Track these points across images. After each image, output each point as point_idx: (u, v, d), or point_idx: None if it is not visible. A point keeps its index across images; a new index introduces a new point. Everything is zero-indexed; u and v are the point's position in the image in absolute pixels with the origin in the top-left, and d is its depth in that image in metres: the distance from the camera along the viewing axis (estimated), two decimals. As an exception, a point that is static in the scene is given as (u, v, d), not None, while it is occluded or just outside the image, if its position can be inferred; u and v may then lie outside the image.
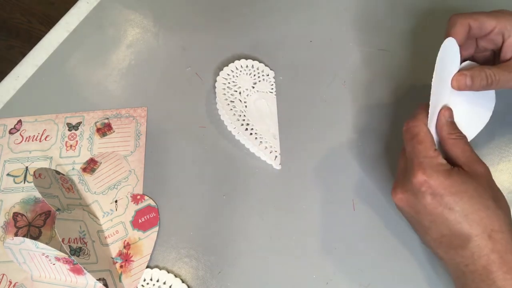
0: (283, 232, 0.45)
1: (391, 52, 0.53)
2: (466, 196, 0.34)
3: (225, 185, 0.48)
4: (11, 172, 0.50)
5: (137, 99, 0.53)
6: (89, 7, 0.61)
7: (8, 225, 0.47)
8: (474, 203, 0.34)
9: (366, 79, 0.52)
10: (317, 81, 0.53)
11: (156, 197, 0.48)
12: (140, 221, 0.46)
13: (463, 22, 0.40)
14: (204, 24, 0.58)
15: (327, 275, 0.43)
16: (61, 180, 0.47)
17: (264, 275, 0.43)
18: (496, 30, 0.40)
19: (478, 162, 0.37)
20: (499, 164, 0.47)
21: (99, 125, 0.52)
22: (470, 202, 0.34)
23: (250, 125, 0.50)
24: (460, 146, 0.37)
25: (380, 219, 0.45)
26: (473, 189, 0.34)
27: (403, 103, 0.51)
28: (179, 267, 0.44)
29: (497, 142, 0.48)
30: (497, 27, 0.40)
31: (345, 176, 0.47)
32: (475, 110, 0.41)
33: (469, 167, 0.36)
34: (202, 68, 0.55)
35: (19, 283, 0.44)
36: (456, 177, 0.35)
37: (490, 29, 0.40)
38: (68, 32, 0.59)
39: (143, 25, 0.59)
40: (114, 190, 0.48)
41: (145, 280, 0.44)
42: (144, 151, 0.50)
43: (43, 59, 0.57)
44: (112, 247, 0.45)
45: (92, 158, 0.50)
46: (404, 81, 0.52)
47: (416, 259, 0.43)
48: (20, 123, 0.53)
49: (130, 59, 0.57)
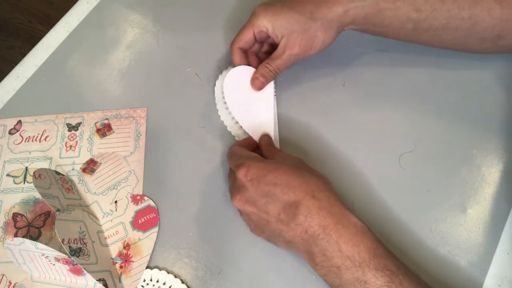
0: (283, 233, 0.45)
1: (391, 53, 0.53)
2: (282, 170, 0.39)
3: (225, 185, 0.48)
4: (11, 172, 0.50)
5: (137, 100, 0.53)
6: (89, 7, 0.61)
7: (8, 226, 0.47)
8: (291, 174, 0.39)
9: (366, 80, 0.52)
10: (317, 82, 0.53)
11: (156, 198, 0.48)
12: (140, 221, 0.46)
13: (236, 50, 0.49)
14: (204, 24, 0.58)
15: (327, 275, 0.43)
16: (61, 181, 0.47)
17: (264, 276, 0.43)
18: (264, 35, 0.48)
19: (290, 156, 0.44)
20: (498, 164, 0.47)
21: (99, 125, 0.52)
22: (287, 174, 0.39)
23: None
24: (274, 151, 0.45)
25: (379, 219, 0.45)
26: (286, 165, 0.40)
27: (403, 102, 0.51)
28: (179, 267, 0.44)
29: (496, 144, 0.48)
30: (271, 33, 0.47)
31: (345, 176, 0.47)
32: (260, 106, 0.50)
33: (283, 158, 0.43)
34: (202, 68, 0.55)
35: (19, 284, 0.44)
36: (270, 160, 0.42)
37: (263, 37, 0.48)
38: (68, 32, 0.59)
39: (143, 25, 0.59)
40: (114, 190, 0.48)
41: (145, 280, 0.44)
42: (144, 151, 0.50)
43: (43, 59, 0.57)
44: (112, 248, 0.45)
45: (92, 159, 0.50)
46: (404, 81, 0.52)
47: (416, 259, 0.43)
48: (20, 123, 0.53)
49: (130, 59, 0.57)
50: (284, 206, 0.38)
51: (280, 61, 0.47)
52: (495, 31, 0.44)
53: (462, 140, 0.48)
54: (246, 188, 0.40)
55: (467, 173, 0.47)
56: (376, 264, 0.36)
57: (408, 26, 0.45)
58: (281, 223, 0.38)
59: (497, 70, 0.51)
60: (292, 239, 0.38)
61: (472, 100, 0.50)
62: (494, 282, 0.42)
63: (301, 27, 0.45)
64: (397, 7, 0.44)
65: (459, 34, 0.45)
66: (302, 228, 0.37)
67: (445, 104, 0.50)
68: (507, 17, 0.43)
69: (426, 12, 0.44)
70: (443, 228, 0.44)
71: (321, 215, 0.37)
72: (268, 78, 0.49)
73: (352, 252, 0.36)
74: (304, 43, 0.46)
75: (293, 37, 0.45)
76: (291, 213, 0.38)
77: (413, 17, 0.44)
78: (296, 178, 0.39)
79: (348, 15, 0.45)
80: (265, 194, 0.39)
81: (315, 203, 0.37)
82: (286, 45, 0.46)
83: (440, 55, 0.51)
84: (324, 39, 0.46)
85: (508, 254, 0.43)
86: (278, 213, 0.38)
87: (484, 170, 0.47)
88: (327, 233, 0.37)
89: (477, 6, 0.43)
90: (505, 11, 0.43)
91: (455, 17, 0.44)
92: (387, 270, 0.35)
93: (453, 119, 0.49)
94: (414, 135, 0.49)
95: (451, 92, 0.51)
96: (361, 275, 0.35)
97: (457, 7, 0.43)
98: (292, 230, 0.38)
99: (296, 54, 0.46)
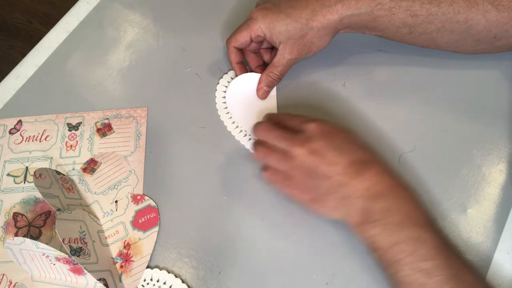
0: (283, 232, 0.45)
1: (391, 53, 0.53)
2: (353, 134, 0.42)
3: (225, 185, 0.48)
4: (11, 172, 0.50)
5: (137, 100, 0.53)
6: (89, 7, 0.61)
7: (8, 225, 0.47)
8: (360, 139, 0.42)
9: (366, 80, 0.52)
10: (317, 82, 0.53)
11: (156, 197, 0.48)
12: (140, 221, 0.46)
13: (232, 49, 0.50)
14: (204, 24, 0.58)
15: (327, 275, 0.43)
16: (62, 180, 0.47)
17: (264, 275, 0.43)
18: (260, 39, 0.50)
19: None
20: (498, 164, 0.47)
21: (99, 125, 0.52)
22: (357, 137, 0.42)
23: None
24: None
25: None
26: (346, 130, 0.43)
27: (403, 102, 0.51)
28: (180, 267, 0.44)
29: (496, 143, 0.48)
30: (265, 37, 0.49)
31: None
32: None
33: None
34: (202, 68, 0.55)
35: (19, 283, 0.44)
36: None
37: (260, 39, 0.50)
38: (68, 32, 0.59)
39: (143, 25, 0.59)
40: (114, 190, 0.48)
41: (145, 280, 0.44)
42: (144, 151, 0.50)
43: (43, 59, 0.57)
44: (112, 247, 0.45)
45: (92, 158, 0.50)
46: (404, 81, 0.52)
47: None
48: (20, 123, 0.53)
49: (130, 59, 0.57)
50: (353, 161, 0.39)
51: (281, 67, 0.49)
52: (491, 34, 0.44)
53: (462, 140, 0.48)
54: (315, 140, 0.40)
55: (467, 173, 0.47)
56: (434, 226, 0.38)
57: (404, 30, 0.46)
58: (347, 176, 0.39)
59: (498, 69, 0.51)
60: (352, 194, 0.39)
61: (472, 100, 0.50)
62: (494, 282, 0.42)
63: (297, 34, 0.47)
64: (393, 13, 0.44)
65: (454, 37, 0.46)
66: (368, 184, 0.38)
67: (445, 104, 0.50)
68: (503, 20, 0.43)
69: (422, 16, 0.44)
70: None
71: (389, 176, 0.40)
72: (272, 86, 0.51)
73: (415, 212, 0.38)
74: (301, 48, 0.48)
75: (290, 43, 0.47)
76: (359, 168, 0.39)
77: (409, 22, 0.45)
78: (365, 143, 0.42)
79: (343, 22, 0.46)
80: (336, 147, 0.40)
81: (382, 165, 0.40)
82: (284, 51, 0.48)
83: (440, 55, 0.51)
84: (319, 44, 0.48)
85: (508, 254, 0.43)
86: (346, 166, 0.39)
87: (484, 170, 0.47)
88: (394, 192, 0.39)
89: (473, 10, 0.43)
90: (501, 14, 0.43)
91: (450, 20, 0.44)
92: (442, 232, 0.38)
93: (453, 119, 0.49)
94: (414, 135, 0.49)
95: (451, 92, 0.51)
96: (422, 234, 0.37)
97: (453, 11, 0.43)
98: (357, 185, 0.39)
99: (295, 58, 0.49)
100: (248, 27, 0.48)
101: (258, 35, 0.48)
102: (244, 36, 0.49)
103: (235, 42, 0.49)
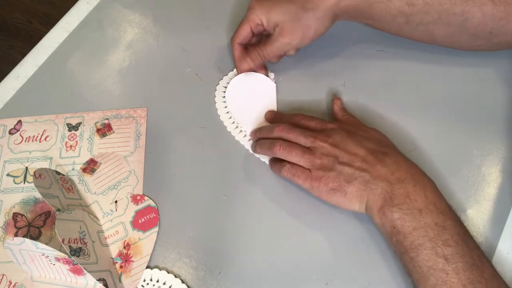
0: (283, 232, 0.45)
1: (390, 52, 0.53)
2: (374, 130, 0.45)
3: (225, 185, 0.48)
4: (11, 172, 0.50)
5: (137, 100, 0.53)
6: (89, 7, 0.61)
7: (8, 226, 0.47)
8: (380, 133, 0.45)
9: (366, 80, 0.52)
10: (317, 82, 0.53)
11: (156, 198, 0.48)
12: (140, 221, 0.46)
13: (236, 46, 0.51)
14: (204, 24, 0.58)
15: (327, 275, 0.43)
16: (61, 181, 0.47)
17: (264, 276, 0.43)
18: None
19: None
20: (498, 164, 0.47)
21: (99, 125, 0.52)
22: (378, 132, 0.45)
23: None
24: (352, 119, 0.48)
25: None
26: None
27: (403, 102, 0.51)
28: (179, 267, 0.44)
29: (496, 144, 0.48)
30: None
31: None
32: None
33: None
34: (202, 68, 0.55)
35: (19, 283, 0.44)
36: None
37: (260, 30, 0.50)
38: (68, 32, 0.59)
39: (143, 25, 0.59)
40: (114, 190, 0.48)
41: (145, 280, 0.44)
42: (144, 151, 0.50)
43: (43, 59, 0.57)
44: (112, 248, 0.45)
45: (92, 159, 0.50)
46: (404, 81, 0.52)
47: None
48: (20, 123, 0.53)
49: (130, 59, 0.57)
50: (373, 150, 0.42)
51: (271, 47, 0.48)
52: (487, 28, 0.44)
53: (462, 140, 0.48)
54: (336, 134, 0.43)
55: (467, 173, 0.47)
56: (455, 215, 0.39)
57: (400, 20, 0.46)
58: (367, 163, 0.41)
59: (498, 69, 0.51)
60: (373, 178, 0.40)
61: (473, 100, 0.50)
62: (494, 282, 0.42)
63: (293, 16, 0.46)
64: (389, 0, 0.44)
65: (451, 30, 0.46)
66: (388, 170, 0.40)
67: (445, 104, 0.50)
68: (499, 14, 0.43)
69: (419, 6, 0.44)
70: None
71: (408, 165, 0.41)
72: (256, 63, 0.51)
73: (436, 200, 0.39)
74: (296, 32, 0.47)
75: (285, 26, 0.47)
76: (379, 156, 0.41)
77: (405, 10, 0.45)
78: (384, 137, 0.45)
79: (339, 6, 0.45)
80: (357, 141, 0.42)
81: (401, 156, 0.42)
82: (279, 33, 0.47)
83: (441, 55, 0.51)
84: (316, 28, 0.47)
85: (508, 254, 0.43)
86: (366, 155, 0.41)
87: (484, 170, 0.47)
88: (414, 179, 0.39)
89: (469, 2, 0.43)
90: (497, 8, 0.43)
91: (447, 11, 0.44)
92: (462, 222, 0.39)
93: (453, 119, 0.49)
94: (414, 135, 0.49)
95: (451, 92, 0.51)
96: (442, 221, 0.37)
97: (450, 2, 0.44)
98: (378, 170, 0.40)
99: (288, 42, 0.47)
100: (247, 19, 0.49)
101: (257, 24, 0.48)
102: (245, 29, 0.49)
103: (238, 38, 0.50)
